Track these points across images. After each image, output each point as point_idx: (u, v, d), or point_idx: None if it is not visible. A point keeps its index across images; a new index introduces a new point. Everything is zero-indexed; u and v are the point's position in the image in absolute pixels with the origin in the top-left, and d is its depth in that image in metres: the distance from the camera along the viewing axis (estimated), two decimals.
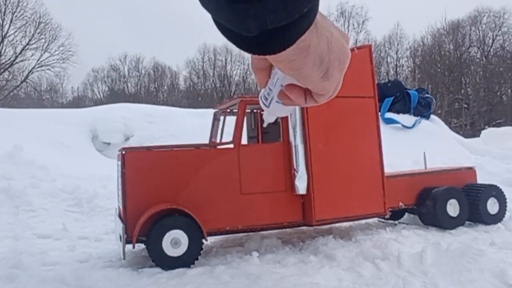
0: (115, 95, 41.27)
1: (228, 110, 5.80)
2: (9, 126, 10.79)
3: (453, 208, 5.80)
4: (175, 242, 4.34)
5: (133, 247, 4.37)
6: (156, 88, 46.33)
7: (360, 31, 43.02)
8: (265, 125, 0.83)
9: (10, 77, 31.52)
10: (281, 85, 0.63)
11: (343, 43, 0.56)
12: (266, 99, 0.68)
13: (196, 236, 4.43)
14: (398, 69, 41.80)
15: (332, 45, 0.54)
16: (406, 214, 6.50)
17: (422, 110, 15.12)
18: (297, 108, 4.85)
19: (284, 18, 0.42)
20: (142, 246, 4.64)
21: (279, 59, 0.51)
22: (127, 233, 4.34)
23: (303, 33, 0.47)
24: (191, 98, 43.67)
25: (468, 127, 32.95)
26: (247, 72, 45.48)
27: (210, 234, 4.68)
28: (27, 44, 30.44)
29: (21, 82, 32.38)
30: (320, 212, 4.89)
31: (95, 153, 11.78)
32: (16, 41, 30.30)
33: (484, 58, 38.14)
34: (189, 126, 12.52)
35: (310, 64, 0.52)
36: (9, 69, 30.70)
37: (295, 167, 4.80)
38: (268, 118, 0.77)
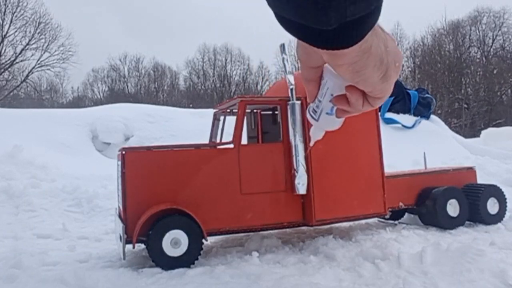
0: (115, 95, 41.26)
1: (228, 110, 5.80)
2: (9, 126, 10.79)
3: (453, 208, 5.80)
4: (175, 242, 4.34)
5: (133, 247, 4.37)
6: (156, 88, 46.33)
7: None
8: (311, 143, 0.79)
9: (10, 77, 31.52)
10: (331, 94, 0.62)
11: (395, 45, 0.57)
12: (315, 112, 0.67)
13: (196, 236, 4.43)
14: None
15: (388, 46, 0.55)
16: (406, 214, 6.51)
17: (422, 110, 15.11)
18: (297, 108, 4.85)
19: (363, 8, 0.44)
20: (142, 246, 4.64)
21: (342, 62, 0.52)
22: (127, 233, 4.34)
23: (371, 27, 0.48)
24: (191, 98, 43.65)
25: (468, 127, 32.94)
26: (247, 72, 45.50)
27: (210, 234, 4.68)
28: (27, 44, 30.42)
29: (21, 82, 32.37)
30: (320, 212, 4.89)
31: (95, 153, 11.77)
32: (16, 41, 30.30)
33: (484, 58, 38.13)
34: (189, 126, 12.52)
35: (371, 65, 0.53)
36: (9, 69, 30.69)
37: (295, 167, 4.80)
38: (316, 134, 0.75)
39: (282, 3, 0.44)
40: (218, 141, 5.88)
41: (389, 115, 14.48)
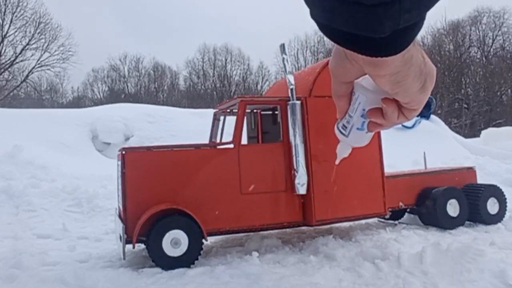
0: (115, 95, 41.28)
1: (228, 110, 5.80)
2: (9, 126, 10.79)
3: (453, 208, 5.79)
4: (175, 242, 4.34)
5: (133, 247, 4.37)
6: (156, 88, 46.34)
7: None
8: (337, 161, 0.77)
9: (10, 77, 31.50)
10: (363, 109, 0.63)
11: (428, 58, 0.59)
12: (344, 128, 0.67)
13: (196, 236, 4.43)
14: None
15: (425, 57, 0.57)
16: (406, 214, 6.51)
17: (422, 110, 14.95)
18: (297, 108, 4.85)
19: (415, 16, 0.45)
20: (142, 246, 4.64)
21: (385, 73, 0.53)
22: (127, 233, 4.34)
23: (416, 35, 0.49)
24: (191, 98, 43.66)
25: (468, 127, 32.94)
26: (247, 72, 45.51)
27: (210, 234, 4.68)
28: (27, 44, 30.42)
29: (21, 82, 32.36)
30: (320, 212, 4.89)
31: (95, 153, 11.77)
32: (16, 41, 30.28)
33: (484, 58, 38.13)
34: (189, 126, 12.52)
35: (412, 75, 0.55)
36: (9, 69, 30.68)
37: (295, 167, 4.80)
38: (343, 151, 0.73)
39: (333, 15, 0.46)
40: (218, 141, 5.88)
41: None
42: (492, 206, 5.96)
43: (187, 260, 4.35)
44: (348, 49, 0.50)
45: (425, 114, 15.15)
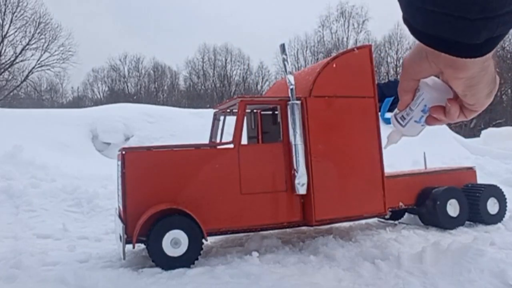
0: (115, 95, 41.28)
1: (228, 110, 5.80)
2: (9, 126, 10.79)
3: (453, 208, 5.79)
4: (175, 242, 4.34)
5: (133, 247, 4.37)
6: (156, 88, 46.35)
7: (360, 31, 43.08)
8: (387, 147, 0.89)
9: (10, 77, 31.50)
10: (425, 105, 0.71)
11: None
12: (403, 119, 0.76)
13: (196, 236, 4.43)
14: (398, 69, 41.79)
15: (496, 68, 0.64)
16: (406, 214, 6.51)
17: None
18: (297, 108, 4.85)
19: (508, 29, 0.54)
20: (142, 246, 4.64)
21: (463, 76, 0.61)
22: (127, 233, 4.34)
23: (499, 42, 0.57)
24: (191, 98, 43.66)
25: (468, 127, 32.93)
26: (247, 72, 45.52)
27: (210, 234, 4.68)
28: (27, 44, 30.42)
29: (21, 82, 32.37)
30: (320, 212, 4.89)
31: (95, 153, 11.77)
32: (16, 41, 30.30)
33: None
34: (189, 126, 12.52)
35: (484, 81, 0.63)
36: (9, 69, 30.68)
37: (295, 167, 4.80)
38: (394, 138, 0.83)
39: (436, 25, 0.54)
40: (218, 141, 5.88)
41: (389, 115, 14.47)
42: (492, 206, 5.96)
43: (187, 260, 4.35)
44: (438, 51, 0.58)
45: None
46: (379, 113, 6.55)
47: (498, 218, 5.97)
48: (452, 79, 0.63)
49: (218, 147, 5.10)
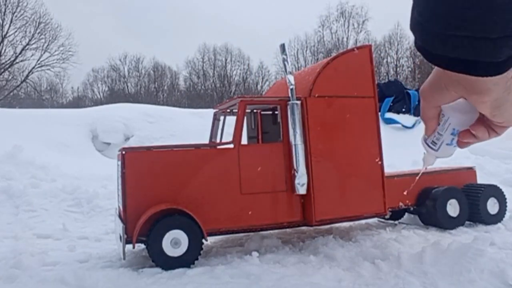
0: (115, 95, 41.29)
1: (228, 110, 5.80)
2: (9, 126, 10.79)
3: (453, 208, 5.79)
4: (175, 242, 4.34)
5: (133, 247, 4.37)
6: (156, 88, 46.35)
7: (360, 31, 43.06)
8: (424, 168, 0.90)
9: (10, 77, 31.51)
10: (453, 128, 0.73)
11: None
12: (434, 144, 0.78)
13: (196, 236, 4.43)
14: (398, 69, 41.82)
15: None
16: (406, 214, 6.50)
17: None
18: (297, 108, 4.85)
19: None
20: (142, 246, 4.64)
21: (487, 99, 0.62)
22: (127, 233, 4.34)
23: None
24: (191, 98, 43.66)
25: None
26: (247, 72, 45.52)
27: (210, 234, 4.68)
28: (27, 44, 30.43)
29: (21, 82, 32.37)
30: (320, 212, 4.89)
31: (95, 153, 11.78)
32: (16, 41, 30.31)
33: None
34: (189, 126, 12.52)
35: (510, 100, 0.64)
36: (9, 69, 30.69)
37: (295, 167, 4.80)
38: (430, 161, 0.86)
39: (457, 48, 0.55)
40: (218, 141, 5.88)
41: (389, 115, 14.49)
42: (492, 206, 5.96)
43: (187, 260, 4.35)
44: (460, 73, 0.59)
45: None
46: (379, 113, 6.54)
47: (498, 218, 5.97)
48: (478, 103, 0.64)
49: (218, 147, 5.10)
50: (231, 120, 5.41)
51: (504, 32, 0.52)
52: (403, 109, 14.91)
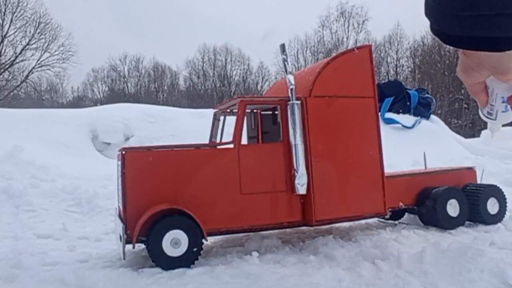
0: (115, 95, 41.29)
1: (228, 110, 5.80)
2: (9, 126, 10.79)
3: (453, 208, 5.79)
4: (175, 242, 4.34)
5: (133, 247, 4.37)
6: (156, 88, 46.35)
7: (360, 31, 43.07)
8: (493, 137, 1.00)
9: (10, 77, 31.52)
10: (502, 97, 0.79)
11: None
12: (490, 114, 0.84)
13: (196, 236, 4.43)
14: (398, 69, 41.82)
15: None
16: (406, 214, 6.50)
17: (422, 110, 15.11)
18: (297, 108, 4.85)
19: None
20: (142, 246, 4.64)
21: (511, 77, 0.66)
22: (127, 233, 4.34)
23: None
24: (191, 98, 43.67)
25: (468, 127, 32.93)
26: (247, 72, 45.53)
27: (210, 234, 4.68)
28: (27, 44, 30.44)
29: (21, 82, 32.38)
30: (320, 212, 4.89)
31: (95, 153, 11.77)
32: (16, 41, 30.32)
33: None
34: (189, 126, 12.52)
35: None
36: (9, 69, 30.69)
37: (295, 167, 4.80)
38: (496, 128, 0.94)
39: (479, 26, 0.58)
40: (218, 141, 5.88)
41: (389, 115, 14.49)
42: (492, 206, 5.96)
43: (187, 260, 4.35)
44: (476, 50, 0.62)
45: (425, 114, 15.15)
46: (379, 113, 6.54)
47: (498, 218, 5.97)
48: (505, 81, 0.69)
49: (218, 147, 5.10)
50: (231, 120, 5.41)
51: None
52: (403, 109, 14.90)
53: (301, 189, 4.79)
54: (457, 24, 0.59)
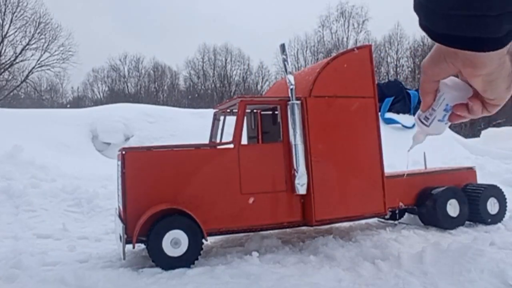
0: (115, 95, 41.28)
1: (228, 110, 5.80)
2: (9, 126, 10.79)
3: (453, 208, 5.79)
4: (175, 242, 4.34)
5: (133, 247, 4.37)
6: (156, 88, 46.34)
7: (360, 31, 43.07)
8: (412, 147, 0.94)
9: (10, 77, 31.51)
10: (446, 104, 0.76)
11: None
12: (426, 119, 0.81)
13: (196, 236, 4.43)
14: (398, 69, 41.83)
15: (510, 62, 0.67)
16: (406, 214, 6.50)
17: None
18: (297, 108, 4.85)
19: None
20: (142, 246, 4.64)
21: (481, 73, 0.65)
22: (127, 233, 4.34)
23: None
24: (191, 98, 43.65)
25: (468, 127, 32.93)
26: (247, 72, 45.52)
27: (210, 234, 4.68)
28: (27, 44, 30.43)
29: (21, 82, 32.36)
30: (320, 212, 4.89)
31: (95, 153, 11.78)
32: (16, 41, 30.30)
33: None
34: (189, 126, 12.52)
35: (502, 76, 0.66)
36: (9, 69, 30.68)
37: (295, 167, 4.80)
38: (420, 139, 0.89)
39: (459, 26, 0.58)
40: (218, 141, 5.88)
41: (389, 115, 14.49)
42: (492, 206, 5.96)
43: (187, 260, 4.35)
44: (463, 50, 0.61)
45: None
46: (379, 113, 6.54)
47: (498, 218, 5.97)
48: (472, 77, 0.67)
49: (218, 147, 5.10)
50: (231, 120, 5.41)
51: (504, 9, 0.55)
52: (403, 109, 14.90)
53: (301, 189, 4.79)
54: (444, 22, 0.59)
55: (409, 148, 0.94)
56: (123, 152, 4.57)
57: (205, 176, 4.71)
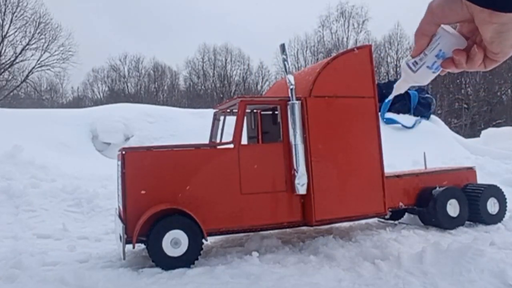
0: (115, 95, 41.28)
1: (228, 110, 5.80)
2: (9, 126, 10.79)
3: (453, 208, 5.79)
4: (175, 242, 4.34)
5: (133, 247, 4.37)
6: (156, 88, 46.32)
7: (360, 31, 43.05)
8: (391, 96, 0.92)
9: (10, 77, 31.50)
10: (440, 49, 0.72)
11: None
12: (415, 64, 0.77)
13: (196, 236, 4.43)
14: (398, 69, 41.78)
15: None
16: (406, 214, 6.50)
17: (422, 110, 15.10)
18: (297, 108, 4.85)
19: None
20: (142, 246, 4.64)
21: (496, 21, 0.62)
22: (127, 233, 4.34)
23: None
24: (191, 98, 43.65)
25: (468, 127, 32.93)
26: (247, 72, 45.51)
27: (210, 234, 4.68)
28: (27, 44, 30.41)
29: (21, 82, 32.36)
30: (320, 212, 4.89)
31: (95, 153, 11.77)
32: (16, 41, 30.29)
33: None
34: (189, 126, 12.51)
35: None
36: (9, 69, 30.68)
37: (295, 167, 4.80)
38: (402, 87, 0.84)
39: None
40: (218, 141, 5.88)
41: (389, 115, 14.48)
42: (492, 206, 5.96)
43: (187, 260, 4.35)
44: (484, 5, 0.60)
45: (425, 114, 15.15)
46: (379, 113, 6.54)
47: (498, 218, 5.97)
48: (485, 23, 0.64)
49: (218, 147, 5.10)
50: (231, 120, 5.41)
51: None
52: (403, 109, 14.90)
53: (301, 189, 4.79)
54: None
55: (389, 96, 0.94)
56: (123, 152, 4.57)
57: (205, 176, 4.71)
